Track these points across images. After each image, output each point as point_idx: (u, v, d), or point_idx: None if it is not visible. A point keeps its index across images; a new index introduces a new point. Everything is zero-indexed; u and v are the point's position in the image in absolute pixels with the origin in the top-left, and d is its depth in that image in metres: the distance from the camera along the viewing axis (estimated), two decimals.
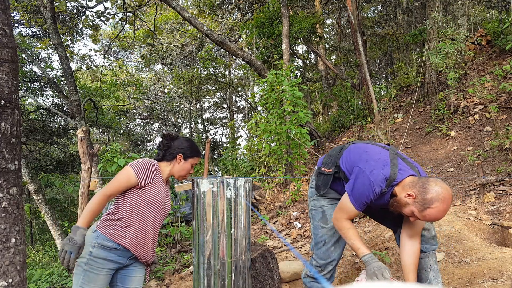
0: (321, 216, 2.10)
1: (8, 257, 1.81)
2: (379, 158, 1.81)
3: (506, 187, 4.23)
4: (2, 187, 1.81)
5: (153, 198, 1.92)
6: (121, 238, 1.86)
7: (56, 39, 7.57)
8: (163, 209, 2.00)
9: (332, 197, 2.10)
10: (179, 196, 5.24)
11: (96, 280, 1.83)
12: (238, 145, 14.32)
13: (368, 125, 8.79)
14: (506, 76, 6.81)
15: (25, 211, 4.63)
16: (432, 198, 1.63)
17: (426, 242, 2.01)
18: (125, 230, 1.87)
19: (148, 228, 1.93)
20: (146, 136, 21.27)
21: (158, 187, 1.96)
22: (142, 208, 1.90)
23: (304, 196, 6.05)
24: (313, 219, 2.16)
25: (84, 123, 8.62)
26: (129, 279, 1.98)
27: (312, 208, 2.16)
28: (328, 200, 2.10)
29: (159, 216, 1.98)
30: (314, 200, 2.15)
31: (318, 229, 2.11)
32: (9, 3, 1.95)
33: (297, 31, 9.66)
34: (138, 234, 1.89)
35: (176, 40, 15.36)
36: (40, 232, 11.93)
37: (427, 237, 2.01)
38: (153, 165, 1.96)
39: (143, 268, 2.04)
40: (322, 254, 2.09)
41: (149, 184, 1.92)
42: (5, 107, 1.84)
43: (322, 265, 2.10)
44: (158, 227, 2.00)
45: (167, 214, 2.07)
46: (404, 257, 1.91)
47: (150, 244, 1.97)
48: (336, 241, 2.10)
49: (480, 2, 8.57)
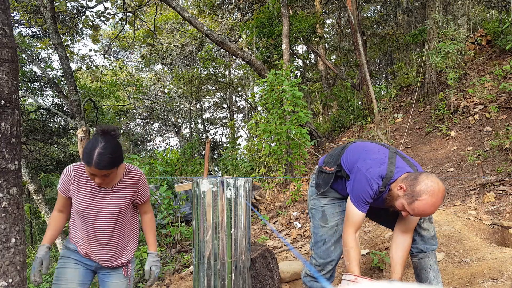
0: (321, 216, 2.11)
1: (8, 257, 1.81)
2: (377, 157, 1.83)
3: (506, 187, 4.23)
4: (2, 187, 1.81)
5: (77, 206, 1.84)
6: (74, 240, 1.96)
7: (56, 39, 7.57)
8: (96, 214, 1.84)
9: (332, 196, 2.11)
10: (179, 196, 5.24)
11: (64, 273, 1.91)
12: (238, 145, 14.31)
13: (368, 125, 8.79)
14: (506, 76, 6.81)
15: (25, 211, 4.63)
16: (420, 190, 1.62)
17: (426, 242, 2.01)
18: (75, 233, 1.95)
19: (89, 232, 1.88)
20: (146, 136, 21.27)
21: (80, 194, 1.83)
22: (76, 215, 1.91)
23: (304, 196, 6.05)
24: (313, 218, 2.16)
25: (84, 123, 8.61)
26: (105, 284, 2.01)
27: (312, 207, 2.16)
28: (328, 200, 2.11)
29: (92, 222, 1.85)
30: (314, 199, 2.15)
31: (318, 228, 2.12)
32: (9, 3, 1.95)
33: (297, 31, 9.66)
34: (84, 237, 1.90)
35: (176, 40, 15.36)
36: (40, 232, 11.92)
37: (427, 237, 2.01)
38: (68, 172, 1.83)
39: (121, 274, 2.01)
40: (322, 253, 2.09)
41: (71, 192, 1.85)
42: (5, 107, 1.84)
43: (322, 264, 2.10)
44: (101, 231, 1.87)
45: (110, 216, 1.86)
46: (393, 249, 1.92)
47: (101, 246, 1.90)
48: (336, 240, 2.09)
49: (480, 2, 8.57)
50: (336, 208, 2.09)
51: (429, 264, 2.02)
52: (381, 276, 2.90)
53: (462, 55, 7.53)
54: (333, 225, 2.08)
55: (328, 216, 2.08)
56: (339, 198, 2.11)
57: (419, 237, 2.01)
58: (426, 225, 2.01)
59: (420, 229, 2.00)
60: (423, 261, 2.02)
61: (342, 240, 2.07)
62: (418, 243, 2.01)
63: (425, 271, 2.02)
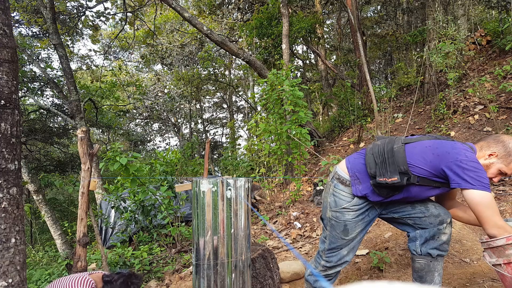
0: (342, 229, 2.03)
1: (8, 257, 1.81)
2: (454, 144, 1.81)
3: (506, 187, 4.23)
4: (2, 187, 1.81)
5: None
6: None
7: (56, 39, 7.57)
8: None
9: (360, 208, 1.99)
10: (179, 196, 5.24)
11: None
12: (238, 145, 14.32)
13: (368, 125, 8.79)
14: (506, 76, 6.81)
15: (25, 211, 4.62)
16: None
17: (441, 245, 2.01)
18: None
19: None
20: (146, 136, 21.28)
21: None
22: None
23: (304, 196, 6.05)
24: (333, 229, 2.06)
25: (84, 123, 8.62)
26: None
27: (333, 219, 2.05)
28: (352, 214, 1.99)
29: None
30: (337, 212, 2.02)
31: (337, 238, 2.06)
32: (9, 3, 1.95)
33: (296, 31, 9.66)
34: None
35: (176, 40, 15.36)
36: (40, 232, 11.93)
37: (445, 241, 2.00)
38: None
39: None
40: (335, 259, 2.08)
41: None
42: (5, 107, 1.84)
43: (331, 266, 2.10)
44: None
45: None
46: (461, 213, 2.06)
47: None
48: (353, 247, 2.06)
49: (480, 2, 8.57)
50: (358, 222, 2.01)
51: (437, 268, 2.02)
52: (381, 276, 2.91)
53: (462, 55, 7.53)
54: (353, 237, 2.04)
55: (350, 230, 2.01)
56: (367, 208, 2.01)
57: (437, 240, 2.00)
58: (447, 230, 2.00)
59: (441, 233, 2.00)
60: (432, 264, 2.01)
61: (357, 247, 2.10)
62: (435, 245, 2.00)
63: (431, 274, 2.01)
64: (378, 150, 1.91)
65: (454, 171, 1.71)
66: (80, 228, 2.78)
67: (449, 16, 7.78)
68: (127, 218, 4.66)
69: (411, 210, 2.03)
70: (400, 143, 1.89)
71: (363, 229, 2.04)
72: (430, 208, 2.01)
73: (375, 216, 2.06)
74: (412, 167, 1.82)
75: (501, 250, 1.67)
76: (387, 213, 2.07)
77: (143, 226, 4.94)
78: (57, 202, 13.58)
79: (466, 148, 1.78)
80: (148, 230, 4.98)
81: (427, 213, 2.00)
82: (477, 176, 1.67)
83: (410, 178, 1.81)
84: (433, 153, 1.80)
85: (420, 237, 2.03)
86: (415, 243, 2.05)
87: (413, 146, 1.88)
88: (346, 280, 3.06)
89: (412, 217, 2.03)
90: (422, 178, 1.83)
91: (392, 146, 1.88)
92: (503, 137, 1.80)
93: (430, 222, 2.00)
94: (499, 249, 1.68)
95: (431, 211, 2.00)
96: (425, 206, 2.02)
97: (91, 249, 6.10)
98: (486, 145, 1.83)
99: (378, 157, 1.89)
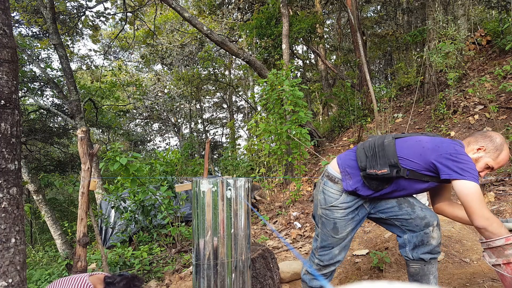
0: (332, 227, 2.04)
1: (8, 257, 1.81)
2: (442, 139, 1.87)
3: (506, 187, 4.23)
4: (2, 187, 1.81)
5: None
6: None
7: (56, 39, 7.57)
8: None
9: (349, 206, 2.00)
10: (179, 196, 5.24)
11: None
12: (238, 145, 14.32)
13: (368, 125, 8.79)
14: (506, 76, 6.81)
15: (25, 211, 4.62)
16: (501, 143, 1.81)
17: (433, 249, 2.01)
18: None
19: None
20: (146, 136, 21.28)
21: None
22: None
23: (304, 196, 6.05)
24: (324, 226, 2.08)
25: (84, 123, 8.62)
26: None
27: (323, 216, 2.07)
28: (341, 212, 2.00)
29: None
30: (327, 210, 2.04)
31: (327, 236, 2.07)
32: (9, 3, 1.95)
33: (296, 31, 9.66)
34: None
35: (176, 40, 15.36)
36: (40, 232, 11.93)
37: (434, 245, 2.01)
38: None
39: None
40: (327, 257, 2.09)
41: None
42: (5, 107, 1.84)
43: (325, 265, 2.11)
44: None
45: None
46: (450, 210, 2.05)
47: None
48: (344, 246, 2.07)
49: (480, 2, 8.58)
50: (348, 221, 2.02)
51: (431, 271, 2.02)
52: (381, 276, 2.91)
53: (462, 55, 7.53)
54: (343, 236, 2.04)
55: (340, 228, 2.03)
56: (357, 207, 2.01)
57: (428, 245, 2.00)
58: (435, 233, 2.00)
59: (429, 237, 2.00)
60: (426, 268, 2.02)
61: (349, 246, 2.10)
62: (427, 250, 2.01)
63: (426, 277, 2.02)
64: (369, 145, 1.94)
65: (443, 163, 1.75)
66: (80, 228, 2.78)
67: (449, 16, 7.78)
68: (127, 218, 4.66)
69: (398, 211, 2.03)
70: (390, 138, 1.93)
71: (353, 228, 2.05)
72: (416, 210, 2.01)
73: (365, 215, 2.07)
74: (402, 160, 1.85)
75: (500, 250, 1.67)
76: (375, 213, 2.08)
77: (143, 226, 4.94)
78: (57, 202, 13.58)
79: (455, 143, 1.82)
80: (148, 230, 4.98)
81: (413, 215, 2.01)
82: (467, 168, 1.71)
83: (400, 171, 1.84)
84: (423, 147, 1.84)
85: (409, 243, 2.04)
86: (405, 249, 2.06)
87: (403, 140, 1.92)
88: (346, 280, 3.06)
89: (399, 218, 2.04)
90: (411, 171, 1.85)
91: (383, 141, 1.92)
92: (490, 133, 1.86)
93: (416, 224, 2.00)
94: (498, 249, 1.68)
95: (417, 213, 2.01)
96: (412, 208, 2.03)
97: (91, 249, 6.10)
98: (474, 140, 1.88)
99: (369, 150, 1.92)
